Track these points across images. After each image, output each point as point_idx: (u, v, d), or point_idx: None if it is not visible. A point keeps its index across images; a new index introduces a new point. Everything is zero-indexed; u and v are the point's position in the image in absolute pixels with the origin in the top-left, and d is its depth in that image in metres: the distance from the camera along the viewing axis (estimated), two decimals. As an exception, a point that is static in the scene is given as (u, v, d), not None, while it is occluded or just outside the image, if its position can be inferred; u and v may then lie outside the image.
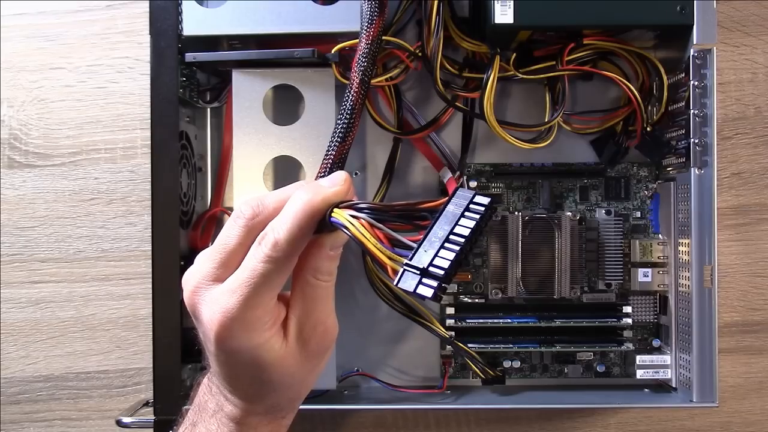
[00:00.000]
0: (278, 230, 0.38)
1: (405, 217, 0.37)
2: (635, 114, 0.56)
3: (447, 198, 0.37)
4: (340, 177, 0.40)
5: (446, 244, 0.34)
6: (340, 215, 0.38)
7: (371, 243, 0.36)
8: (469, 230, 0.34)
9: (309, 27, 0.53)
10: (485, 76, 0.54)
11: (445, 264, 0.33)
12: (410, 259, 0.34)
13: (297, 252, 0.39)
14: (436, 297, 0.33)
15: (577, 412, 0.63)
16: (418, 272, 0.34)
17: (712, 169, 0.52)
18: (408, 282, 0.34)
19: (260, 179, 0.55)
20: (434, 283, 0.33)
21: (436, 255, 0.34)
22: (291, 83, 0.55)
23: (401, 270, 0.34)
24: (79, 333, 0.64)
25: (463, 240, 0.34)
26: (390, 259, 0.35)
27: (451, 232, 0.34)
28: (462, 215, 0.35)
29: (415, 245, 0.35)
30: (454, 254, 0.34)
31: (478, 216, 0.35)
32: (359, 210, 0.37)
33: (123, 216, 0.63)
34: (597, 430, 0.64)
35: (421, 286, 0.33)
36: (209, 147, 0.61)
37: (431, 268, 0.33)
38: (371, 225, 0.36)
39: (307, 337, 0.42)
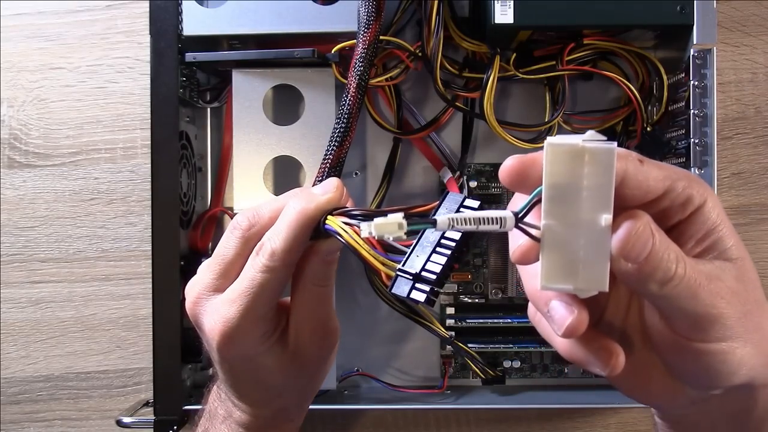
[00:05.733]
0: (274, 240, 0.38)
1: None
2: (635, 114, 0.56)
3: (438, 202, 0.37)
4: (332, 184, 0.40)
5: (438, 249, 0.34)
6: (334, 222, 0.38)
7: (364, 249, 0.36)
8: (460, 234, 0.34)
9: (309, 27, 0.53)
10: (485, 76, 0.54)
11: (437, 268, 0.34)
12: (403, 265, 0.34)
13: (294, 260, 0.39)
14: (429, 301, 0.33)
15: (577, 412, 0.63)
16: (411, 277, 0.34)
17: (712, 169, 0.52)
18: (401, 287, 0.34)
19: (260, 179, 0.55)
20: (427, 288, 0.33)
21: (428, 260, 0.34)
22: (291, 83, 0.55)
23: (394, 275, 0.34)
24: (79, 333, 0.64)
25: (454, 244, 0.34)
26: (383, 264, 0.35)
27: (443, 237, 0.35)
28: None
29: (407, 250, 0.35)
30: (446, 258, 0.34)
31: None
32: (352, 216, 0.37)
33: (123, 216, 0.63)
34: (597, 430, 0.64)
35: (414, 291, 0.34)
36: (209, 147, 0.61)
37: (423, 273, 0.34)
38: None
39: (309, 342, 0.42)
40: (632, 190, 0.30)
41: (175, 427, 0.54)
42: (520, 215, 0.30)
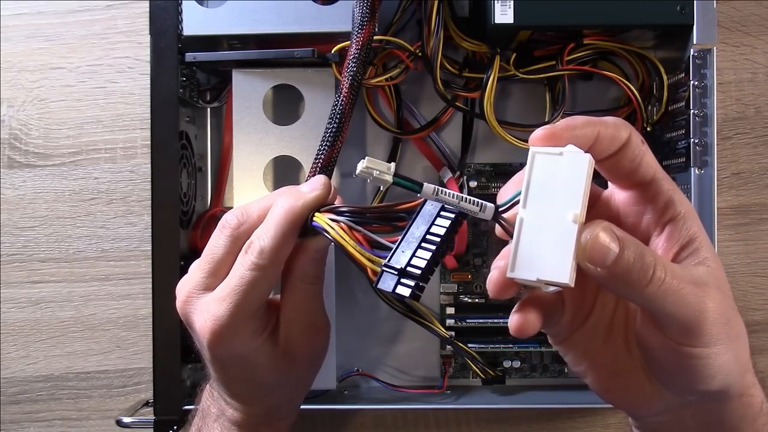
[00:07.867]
0: (263, 238, 0.39)
1: (383, 219, 0.37)
2: (635, 114, 0.56)
3: (424, 198, 0.37)
4: (319, 181, 0.41)
5: (423, 244, 0.34)
6: (321, 219, 0.38)
7: (350, 245, 0.36)
8: (445, 229, 0.34)
9: (309, 27, 0.53)
10: (485, 76, 0.54)
11: (422, 263, 0.34)
12: (388, 260, 0.34)
13: (283, 257, 0.39)
14: (414, 296, 0.33)
15: (577, 412, 0.63)
16: (396, 272, 0.34)
17: (712, 169, 0.52)
18: (387, 283, 0.34)
19: (260, 179, 0.55)
20: (412, 283, 0.33)
21: (413, 255, 0.34)
22: (291, 83, 0.55)
23: (380, 271, 0.34)
24: (79, 333, 0.64)
25: (439, 239, 0.34)
26: (369, 260, 0.36)
27: (428, 232, 0.35)
28: (438, 215, 0.35)
29: (393, 246, 0.35)
30: (431, 253, 0.34)
31: (453, 215, 0.35)
32: (339, 213, 0.38)
33: (123, 216, 0.63)
34: (597, 430, 0.64)
35: (399, 286, 0.34)
36: (209, 147, 0.61)
37: (409, 268, 0.34)
38: (350, 228, 0.37)
39: (299, 339, 0.42)
40: (627, 159, 0.33)
41: (175, 427, 0.54)
42: (501, 209, 0.33)
